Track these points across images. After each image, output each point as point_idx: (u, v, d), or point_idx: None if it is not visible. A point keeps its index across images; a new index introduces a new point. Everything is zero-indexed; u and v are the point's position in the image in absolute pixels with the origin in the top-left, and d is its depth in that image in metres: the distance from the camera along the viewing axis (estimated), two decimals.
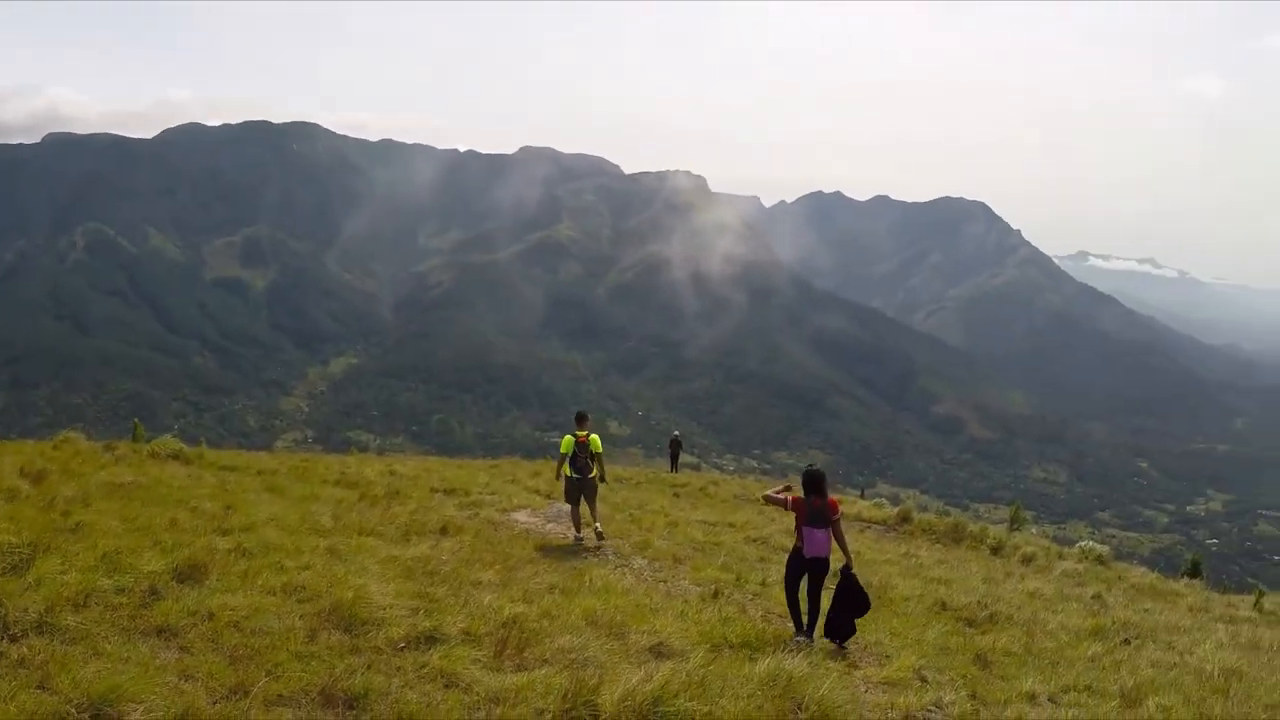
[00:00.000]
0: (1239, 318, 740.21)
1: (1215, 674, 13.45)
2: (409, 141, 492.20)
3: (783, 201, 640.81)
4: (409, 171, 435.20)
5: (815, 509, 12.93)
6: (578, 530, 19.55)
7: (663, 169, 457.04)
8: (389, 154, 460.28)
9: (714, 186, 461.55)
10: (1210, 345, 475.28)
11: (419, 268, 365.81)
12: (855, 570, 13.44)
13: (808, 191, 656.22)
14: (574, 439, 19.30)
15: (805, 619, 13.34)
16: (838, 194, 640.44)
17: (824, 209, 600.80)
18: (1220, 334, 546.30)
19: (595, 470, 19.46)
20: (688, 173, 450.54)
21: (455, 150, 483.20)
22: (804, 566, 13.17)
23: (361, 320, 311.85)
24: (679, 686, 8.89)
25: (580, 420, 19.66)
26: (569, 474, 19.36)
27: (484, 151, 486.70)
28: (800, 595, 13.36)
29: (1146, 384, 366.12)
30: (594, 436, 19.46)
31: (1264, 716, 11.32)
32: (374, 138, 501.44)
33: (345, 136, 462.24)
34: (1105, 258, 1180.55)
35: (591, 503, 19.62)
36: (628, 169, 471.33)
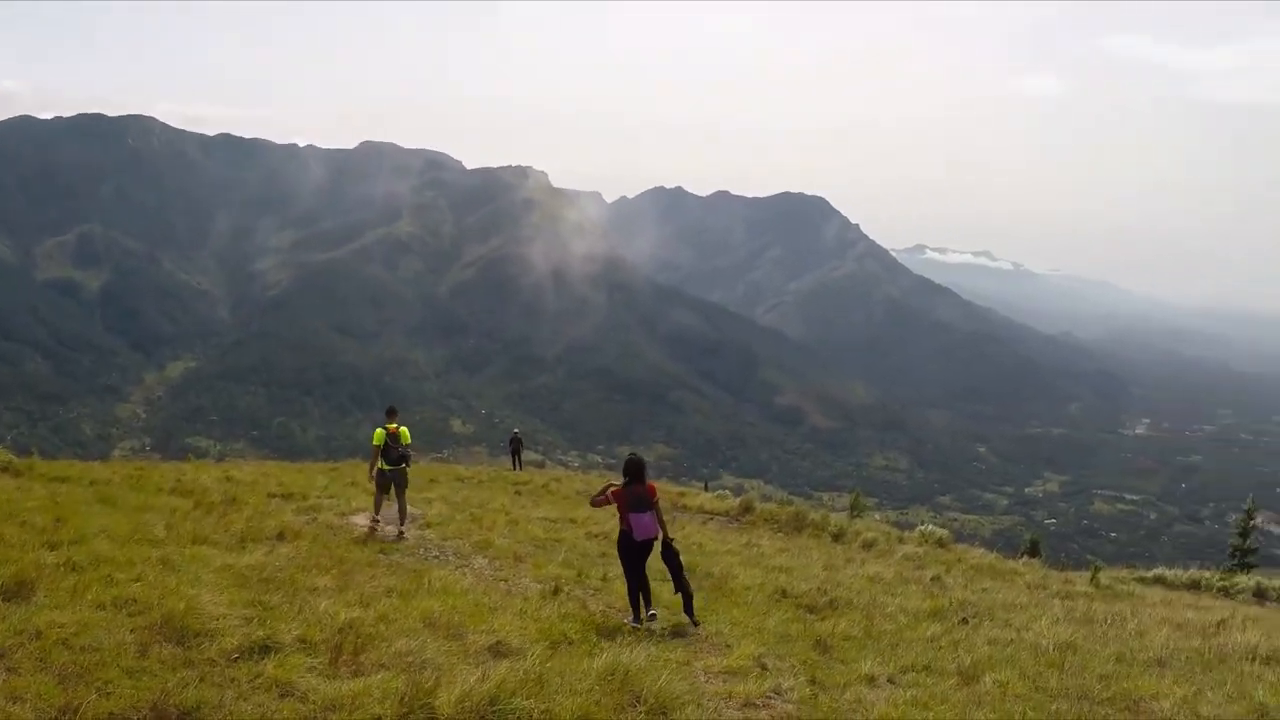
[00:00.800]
0: (1071, 307, 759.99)
1: (1051, 648, 13.83)
2: (248, 136, 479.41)
3: (624, 197, 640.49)
4: (247, 167, 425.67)
5: (636, 495, 13.43)
6: (376, 512, 19.97)
7: (505, 164, 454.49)
8: (227, 149, 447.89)
9: (556, 182, 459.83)
10: (1044, 334, 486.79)
11: (257, 266, 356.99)
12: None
13: (650, 187, 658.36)
14: (385, 432, 19.76)
15: (655, 604, 13.92)
16: (679, 189, 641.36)
17: (666, 204, 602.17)
18: (1054, 323, 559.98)
19: (405, 461, 20.08)
20: (530, 168, 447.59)
21: (295, 145, 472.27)
22: (635, 551, 13.60)
23: (199, 322, 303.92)
24: (516, 685, 8.86)
25: (390, 414, 20.24)
26: (382, 466, 19.86)
27: (324, 147, 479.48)
28: (654, 583, 13.96)
29: (983, 371, 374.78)
30: (404, 429, 20.03)
31: (1098, 686, 11.58)
32: (212, 132, 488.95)
33: (183, 131, 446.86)
34: (942, 251, 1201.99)
35: (401, 495, 20.19)
36: (470, 164, 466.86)
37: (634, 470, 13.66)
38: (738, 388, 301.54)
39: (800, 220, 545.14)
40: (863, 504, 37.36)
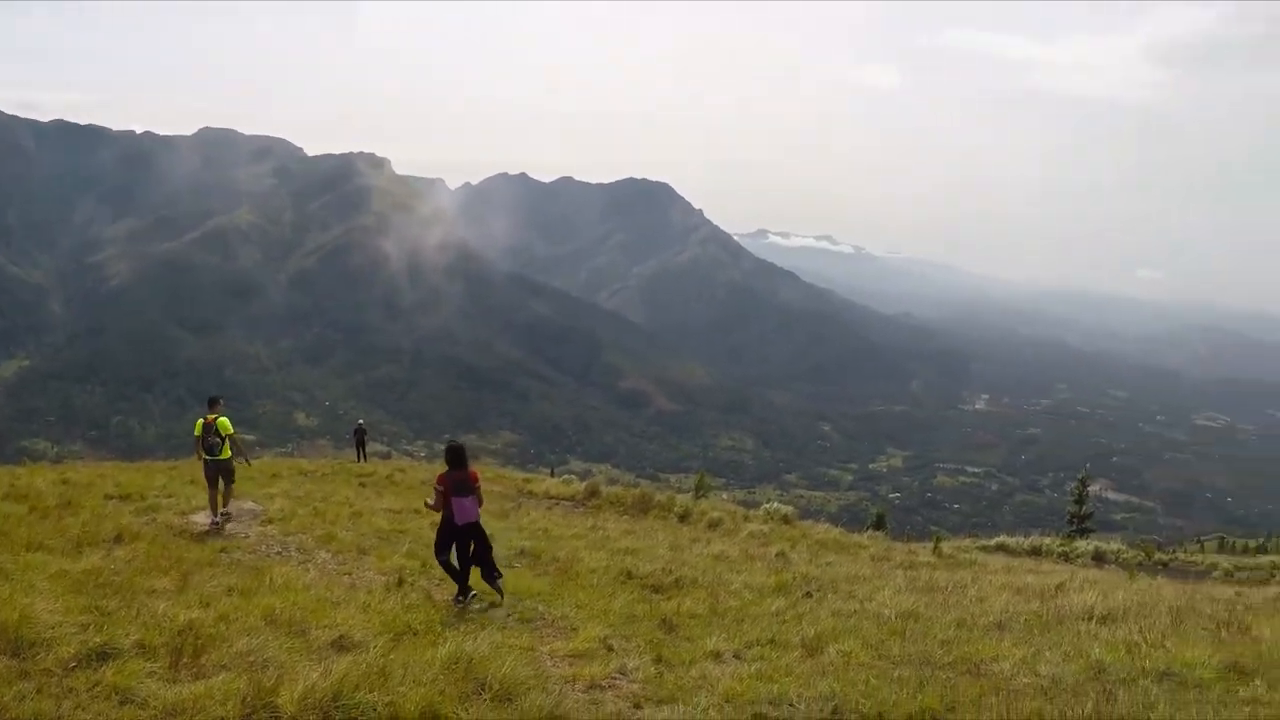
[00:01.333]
0: (912, 289, 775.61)
1: (893, 617, 14.08)
2: (83, 122, 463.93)
3: (468, 184, 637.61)
4: (83, 155, 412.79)
5: (458, 480, 13.89)
6: (213, 512, 19.85)
7: (345, 150, 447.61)
8: (63, 136, 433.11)
9: (398, 169, 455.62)
10: (885, 314, 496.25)
11: (93, 258, 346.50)
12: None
13: (493, 174, 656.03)
14: (203, 421, 19.94)
15: (474, 580, 14.39)
16: (523, 175, 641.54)
17: (510, 191, 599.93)
18: (894, 304, 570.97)
19: (227, 451, 20.05)
20: (371, 155, 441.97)
21: (132, 132, 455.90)
22: (457, 534, 14.05)
23: (32, 317, 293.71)
24: (359, 678, 8.71)
25: (211, 404, 20.43)
26: (203, 456, 19.94)
27: (162, 133, 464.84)
28: (453, 560, 14.29)
29: (826, 352, 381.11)
30: (223, 419, 20.13)
31: (939, 651, 11.78)
32: (46, 118, 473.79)
33: (15, 116, 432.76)
34: (785, 235, 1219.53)
35: (227, 485, 20.19)
36: (311, 151, 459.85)
37: (455, 456, 14.16)
38: (583, 373, 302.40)
39: (644, 206, 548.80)
40: (708, 484, 37.66)
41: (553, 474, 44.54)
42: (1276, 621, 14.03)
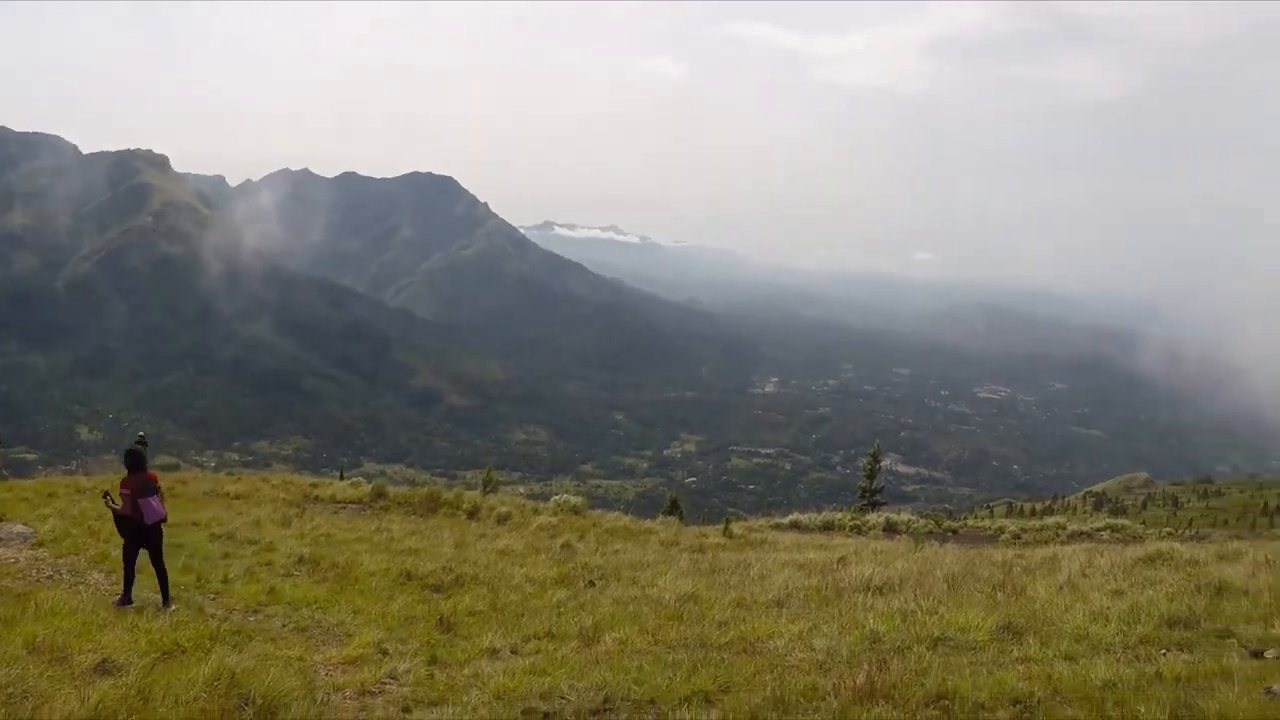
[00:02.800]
0: (698, 276, 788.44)
1: (672, 601, 14.14)
2: None
3: (249, 180, 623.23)
4: None
5: (142, 482, 14.37)
6: None
7: (123, 148, 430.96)
8: None
9: (178, 166, 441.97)
10: (673, 302, 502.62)
11: None
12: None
13: (275, 169, 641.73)
14: None
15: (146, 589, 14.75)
16: (306, 171, 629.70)
17: (293, 188, 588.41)
18: (682, 292, 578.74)
19: None
20: (149, 152, 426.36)
21: None
22: (147, 533, 14.40)
23: None
24: (117, 703, 8.42)
25: None
26: None
27: None
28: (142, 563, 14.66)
29: (616, 341, 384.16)
30: None
31: (716, 632, 11.82)
32: None
33: None
34: (571, 227, 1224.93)
35: None
36: (86, 149, 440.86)
37: (135, 461, 14.61)
38: (373, 372, 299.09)
39: (430, 200, 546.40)
40: (496, 479, 37.63)
41: (342, 477, 43.69)
42: (1050, 581, 14.46)
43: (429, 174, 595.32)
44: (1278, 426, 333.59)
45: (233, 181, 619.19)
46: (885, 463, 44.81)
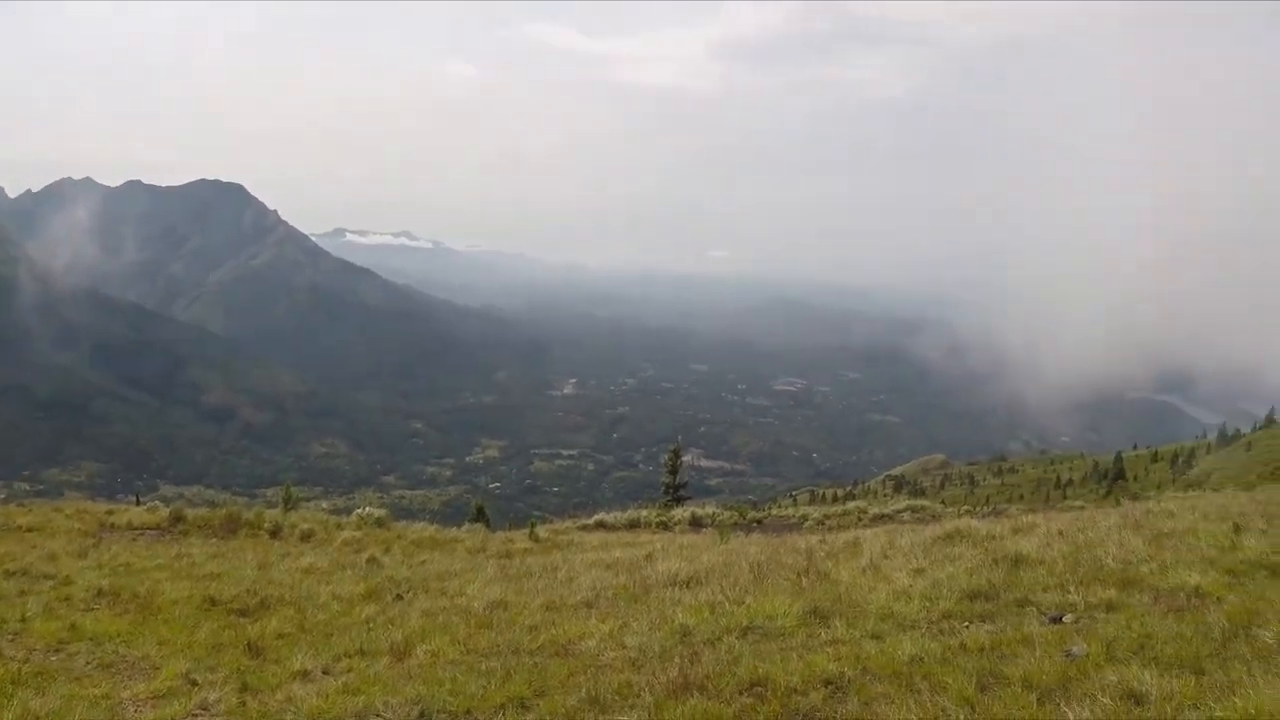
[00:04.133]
0: (492, 281, 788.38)
1: (482, 609, 14.14)
2: None
3: (29, 190, 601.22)
4: None
5: None
6: None
7: None
8: None
9: None
10: (467, 307, 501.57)
11: None
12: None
13: (55, 179, 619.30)
14: None
15: None
16: (88, 179, 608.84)
17: (73, 197, 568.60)
18: (475, 296, 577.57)
19: None
20: None
21: None
22: None
23: None
24: None
25: None
26: None
27: None
28: None
29: (410, 349, 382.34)
30: None
31: (527, 638, 11.87)
32: None
33: None
34: (363, 233, 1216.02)
35: None
36: None
37: None
38: (164, 390, 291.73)
39: (217, 209, 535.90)
40: (296, 496, 36.96)
41: (139, 502, 42.34)
42: (854, 564, 14.83)
43: (216, 180, 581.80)
44: (1063, 404, 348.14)
45: (12, 192, 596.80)
46: (687, 458, 45.35)
